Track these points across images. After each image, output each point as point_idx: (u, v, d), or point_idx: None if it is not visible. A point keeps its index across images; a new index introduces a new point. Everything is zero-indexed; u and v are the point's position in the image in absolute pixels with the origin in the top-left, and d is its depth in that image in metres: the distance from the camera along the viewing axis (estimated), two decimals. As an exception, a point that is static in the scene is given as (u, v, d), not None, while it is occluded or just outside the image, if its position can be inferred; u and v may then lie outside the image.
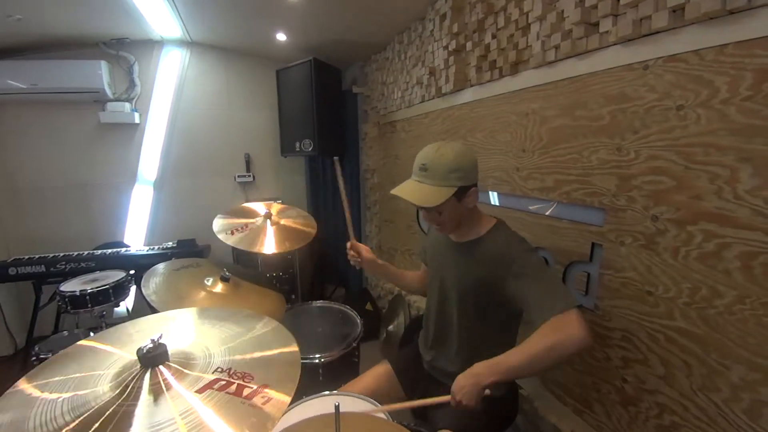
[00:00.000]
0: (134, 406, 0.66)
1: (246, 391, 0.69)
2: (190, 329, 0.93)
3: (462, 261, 1.19)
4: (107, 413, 0.64)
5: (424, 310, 1.40)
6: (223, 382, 0.71)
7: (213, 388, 0.70)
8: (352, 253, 1.52)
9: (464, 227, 1.19)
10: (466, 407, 0.97)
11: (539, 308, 0.98)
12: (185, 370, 0.74)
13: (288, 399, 0.69)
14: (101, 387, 0.70)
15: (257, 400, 0.68)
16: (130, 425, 0.62)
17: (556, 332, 0.92)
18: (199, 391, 0.69)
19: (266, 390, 0.70)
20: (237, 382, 0.72)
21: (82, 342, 0.88)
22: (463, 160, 1.08)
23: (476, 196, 1.13)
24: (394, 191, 1.12)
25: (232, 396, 0.68)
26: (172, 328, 0.92)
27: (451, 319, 1.24)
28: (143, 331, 0.91)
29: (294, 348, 0.84)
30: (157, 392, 0.69)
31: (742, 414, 0.89)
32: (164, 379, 0.71)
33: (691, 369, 0.99)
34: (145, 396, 0.68)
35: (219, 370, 0.75)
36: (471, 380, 0.97)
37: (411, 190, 1.10)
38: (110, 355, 0.82)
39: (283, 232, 1.91)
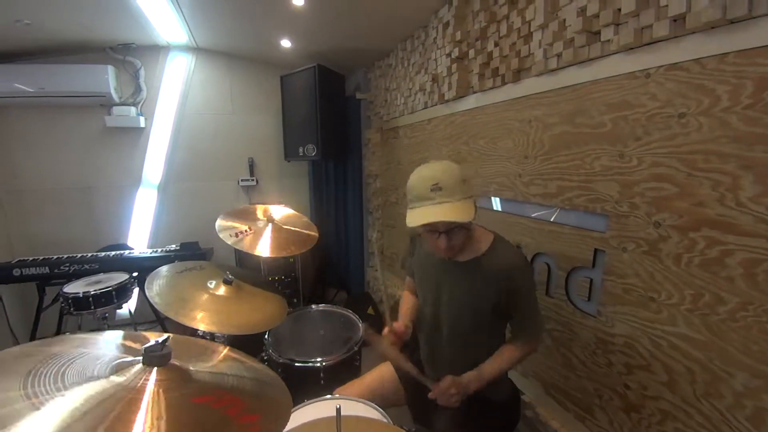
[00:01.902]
0: (131, 402, 0.66)
1: (237, 413, 0.69)
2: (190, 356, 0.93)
3: (465, 280, 1.17)
4: (96, 400, 0.64)
5: (419, 325, 1.37)
6: (217, 399, 0.72)
7: (204, 402, 0.70)
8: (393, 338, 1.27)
9: (465, 245, 1.16)
10: (447, 401, 1.10)
11: (520, 326, 1.19)
12: (182, 379, 0.74)
13: None
14: (100, 378, 0.71)
15: (245, 424, 0.68)
16: (115, 417, 0.62)
17: (527, 349, 1.19)
18: (195, 400, 0.69)
19: (256, 419, 0.70)
20: (228, 404, 0.72)
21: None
22: (464, 171, 1.08)
23: (476, 210, 1.11)
24: (417, 222, 1.03)
25: (223, 414, 0.68)
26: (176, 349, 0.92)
27: (449, 336, 1.23)
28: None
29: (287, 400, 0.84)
30: (154, 391, 0.69)
31: (746, 421, 0.89)
32: (163, 380, 0.71)
33: (694, 375, 0.99)
34: (142, 394, 0.68)
35: (215, 386, 0.75)
36: (461, 389, 1.10)
37: (441, 212, 1.01)
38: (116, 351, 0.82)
39: (286, 237, 1.92)
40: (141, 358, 0.73)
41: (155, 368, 0.73)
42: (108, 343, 0.84)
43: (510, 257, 1.13)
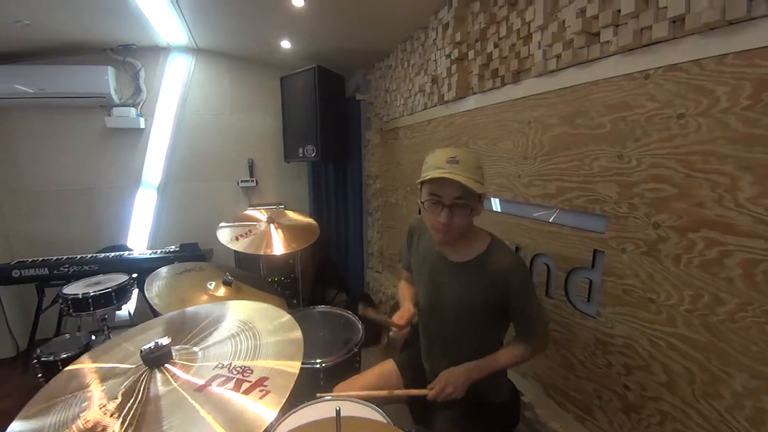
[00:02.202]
0: (140, 407, 0.66)
1: (244, 386, 0.70)
2: (199, 327, 0.94)
3: (463, 281, 1.16)
4: (115, 417, 0.64)
5: (419, 323, 1.37)
6: (222, 379, 0.72)
7: (211, 386, 0.70)
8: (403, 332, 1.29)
9: (462, 243, 1.16)
10: (448, 398, 1.10)
11: (524, 330, 1.18)
12: (189, 364, 0.75)
13: (286, 394, 0.70)
14: (112, 392, 0.71)
15: (254, 395, 0.68)
16: (139, 427, 0.63)
17: (533, 351, 1.19)
18: (198, 389, 0.70)
19: (264, 384, 0.71)
20: (236, 377, 0.72)
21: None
22: (481, 161, 1.09)
23: (483, 206, 1.12)
24: (429, 176, 1.03)
25: (230, 392, 0.69)
26: (178, 328, 0.92)
27: (446, 336, 1.23)
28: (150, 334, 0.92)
29: (299, 339, 0.85)
30: (157, 392, 0.69)
31: (745, 421, 0.89)
32: (171, 376, 0.72)
33: (693, 376, 0.99)
34: (147, 397, 0.68)
35: (219, 366, 0.76)
36: (465, 376, 1.12)
37: (454, 175, 1.00)
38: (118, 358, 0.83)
39: (288, 233, 1.92)
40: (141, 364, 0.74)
41: (157, 369, 0.74)
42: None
43: (507, 260, 1.11)
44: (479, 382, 1.16)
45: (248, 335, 0.86)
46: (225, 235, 1.86)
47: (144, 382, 0.71)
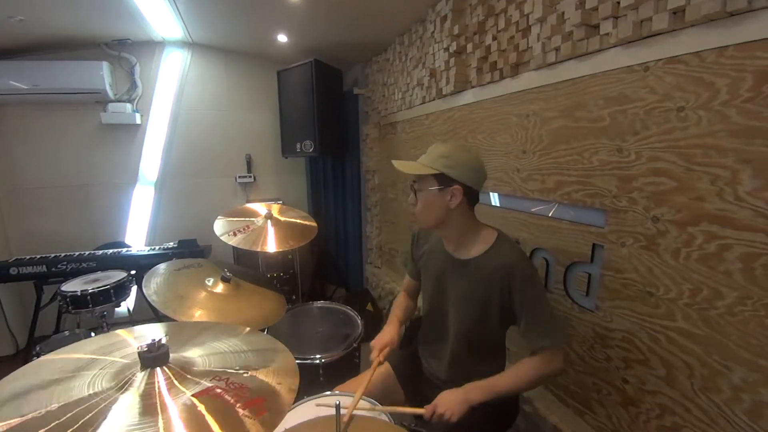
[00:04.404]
0: (129, 404, 0.66)
1: (241, 401, 0.68)
2: (194, 339, 0.93)
3: (467, 279, 1.15)
4: (99, 408, 0.64)
5: (422, 320, 1.38)
6: (220, 390, 0.71)
7: (209, 395, 0.69)
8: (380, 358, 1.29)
9: (465, 240, 1.17)
10: (444, 421, 1.03)
11: (534, 336, 1.08)
12: (184, 374, 0.73)
13: (282, 416, 0.69)
14: (99, 382, 0.70)
15: (251, 411, 0.67)
16: (121, 421, 0.62)
17: (544, 365, 1.07)
18: (196, 395, 0.68)
19: (261, 402, 0.69)
20: (234, 391, 0.71)
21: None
22: (457, 153, 1.10)
23: (459, 198, 1.09)
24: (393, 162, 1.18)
25: (227, 404, 0.68)
26: (176, 336, 0.91)
27: (450, 333, 1.23)
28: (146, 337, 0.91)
29: (294, 372, 0.82)
30: (153, 393, 0.68)
31: (743, 415, 0.89)
32: (165, 380, 0.71)
33: (692, 370, 0.99)
34: (140, 395, 0.68)
35: (216, 378, 0.74)
36: (461, 398, 1.06)
37: (401, 163, 1.14)
38: (114, 353, 0.82)
39: (285, 231, 1.91)
40: (138, 363, 0.73)
41: (156, 369, 0.73)
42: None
43: (510, 255, 1.11)
44: (478, 377, 1.14)
45: (244, 356, 0.85)
46: (221, 228, 1.85)
47: (132, 379, 0.70)
